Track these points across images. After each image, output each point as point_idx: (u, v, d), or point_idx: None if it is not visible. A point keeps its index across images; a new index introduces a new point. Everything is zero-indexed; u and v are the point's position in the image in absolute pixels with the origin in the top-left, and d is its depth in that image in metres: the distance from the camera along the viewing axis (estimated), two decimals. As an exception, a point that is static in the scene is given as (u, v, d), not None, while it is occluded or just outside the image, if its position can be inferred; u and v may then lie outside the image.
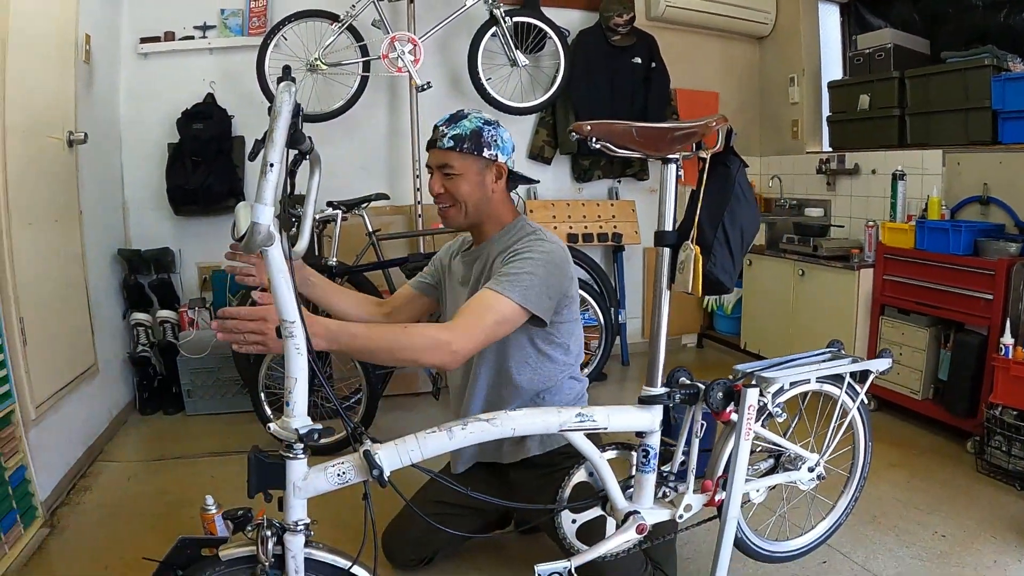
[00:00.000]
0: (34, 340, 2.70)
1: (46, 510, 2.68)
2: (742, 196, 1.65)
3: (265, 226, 1.13)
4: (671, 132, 1.59)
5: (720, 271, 1.61)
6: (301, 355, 1.30)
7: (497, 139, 1.93)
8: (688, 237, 1.59)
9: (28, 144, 2.77)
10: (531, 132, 4.55)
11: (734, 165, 1.65)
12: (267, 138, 1.15)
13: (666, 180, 1.62)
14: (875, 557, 2.31)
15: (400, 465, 1.39)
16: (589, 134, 1.54)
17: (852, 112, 4.11)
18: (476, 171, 1.92)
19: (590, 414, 1.53)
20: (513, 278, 1.77)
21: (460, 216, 1.97)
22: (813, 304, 3.87)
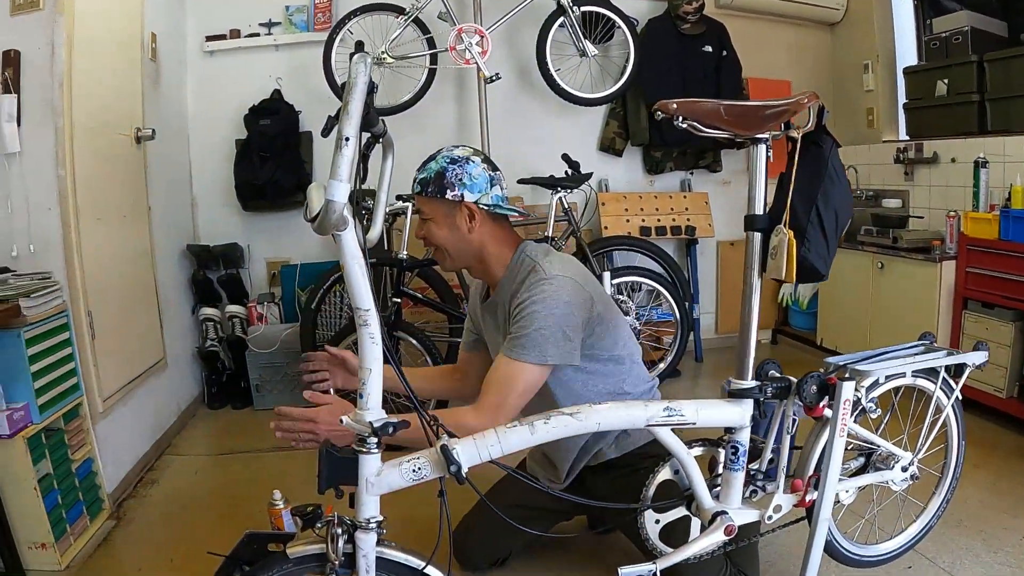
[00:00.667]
0: (103, 334, 2.72)
1: (113, 502, 2.70)
2: (835, 177, 1.55)
3: (340, 204, 1.06)
4: (762, 110, 1.49)
5: (815, 256, 1.51)
6: (376, 345, 1.23)
7: (463, 177, 1.78)
8: (780, 221, 1.49)
9: (96, 141, 2.80)
10: (601, 124, 4.46)
11: (827, 144, 1.55)
12: (342, 111, 1.08)
13: (755, 161, 1.52)
14: (961, 562, 2.17)
15: (479, 461, 1.31)
16: (675, 112, 1.45)
17: (929, 98, 3.92)
18: (443, 214, 1.81)
19: (678, 408, 1.43)
20: (524, 339, 1.69)
21: (447, 260, 1.88)
22: (893, 298, 3.70)
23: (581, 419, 1.35)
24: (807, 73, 4.78)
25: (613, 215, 4.30)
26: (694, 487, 1.55)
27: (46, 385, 2.31)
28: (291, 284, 4.05)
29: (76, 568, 2.33)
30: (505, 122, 4.17)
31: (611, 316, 1.87)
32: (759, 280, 1.53)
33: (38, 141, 2.47)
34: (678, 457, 1.51)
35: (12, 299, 2.18)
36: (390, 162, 1.47)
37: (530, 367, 1.69)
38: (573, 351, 1.74)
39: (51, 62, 2.46)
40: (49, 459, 2.31)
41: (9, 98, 2.38)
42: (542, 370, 1.71)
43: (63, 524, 2.35)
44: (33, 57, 2.44)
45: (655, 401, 1.44)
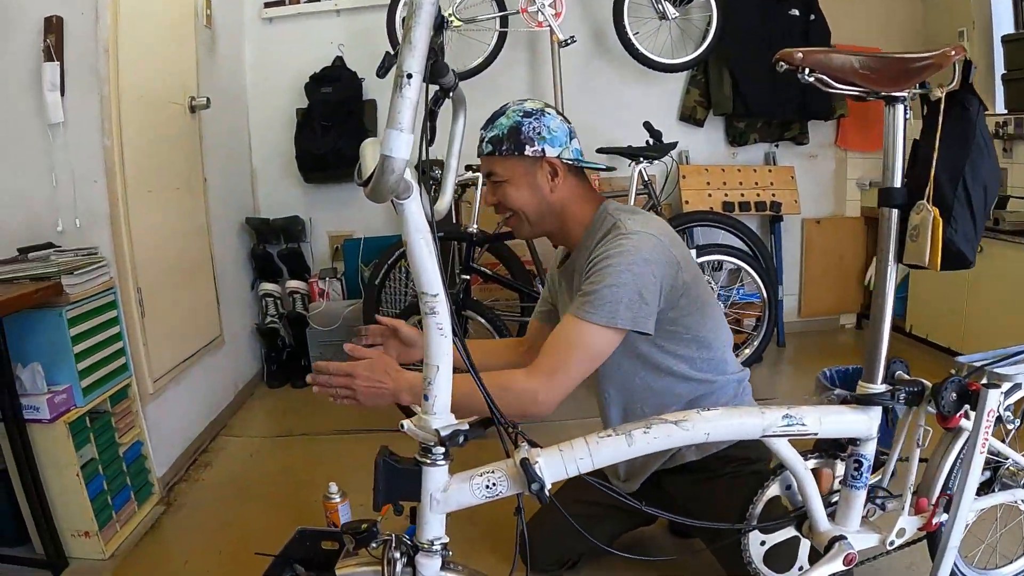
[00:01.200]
0: (154, 312, 2.62)
1: (163, 487, 2.60)
2: (984, 146, 1.29)
3: (401, 161, 0.84)
4: (905, 63, 1.25)
5: (962, 239, 1.26)
6: (445, 337, 1.03)
7: (541, 131, 1.59)
8: (921, 196, 1.24)
9: (146, 111, 2.68)
10: (682, 91, 4.19)
11: (974, 106, 1.29)
12: (403, 42, 0.85)
13: (893, 124, 1.28)
14: None
15: (565, 476, 1.10)
16: (800, 63, 1.22)
17: (1030, 68, 3.56)
18: (522, 173, 1.61)
19: (799, 417, 1.20)
20: (594, 296, 1.47)
21: (525, 226, 1.68)
22: (992, 284, 3.37)
23: (687, 428, 1.13)
24: (897, 40, 4.43)
25: (694, 189, 4.04)
26: (810, 506, 1.32)
27: (91, 366, 2.20)
28: (354, 259, 3.92)
29: (121, 557, 2.23)
30: (580, 89, 3.95)
31: (700, 291, 1.63)
32: (895, 267, 1.29)
33: (83, 111, 2.34)
34: (795, 472, 1.28)
35: (54, 276, 2.07)
36: (461, 122, 1.25)
37: (598, 329, 1.45)
38: (648, 316, 1.50)
39: (95, 28, 2.33)
40: (94, 443, 2.21)
41: (51, 66, 2.26)
42: (611, 334, 1.47)
43: (108, 511, 2.25)
44: (76, 23, 2.31)
45: (772, 408, 1.22)
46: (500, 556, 2.02)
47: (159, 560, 2.23)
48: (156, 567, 2.19)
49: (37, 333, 2.11)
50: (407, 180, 0.94)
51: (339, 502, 2.10)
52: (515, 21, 3.63)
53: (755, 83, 3.99)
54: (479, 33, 3.66)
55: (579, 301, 1.49)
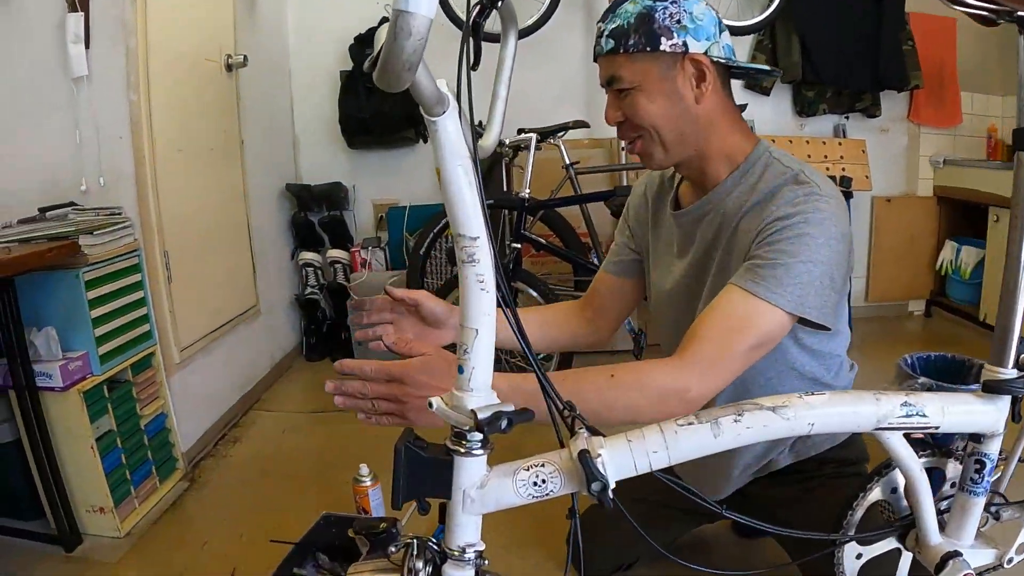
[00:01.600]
0: (182, 277, 2.50)
1: (188, 462, 2.49)
2: None
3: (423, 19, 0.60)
4: None
5: None
6: (487, 293, 0.80)
7: (682, 18, 1.21)
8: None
9: (177, 66, 2.57)
10: (747, 57, 3.96)
11: None
12: None
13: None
14: None
15: (634, 472, 0.86)
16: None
17: None
18: (658, 76, 1.23)
19: (919, 406, 0.96)
20: (782, 271, 1.13)
21: (659, 151, 1.29)
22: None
23: (789, 417, 0.89)
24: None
25: (759, 164, 3.81)
26: (921, 514, 1.08)
27: (110, 332, 2.08)
28: (399, 228, 3.83)
29: (138, 535, 2.12)
30: (640, 54, 3.74)
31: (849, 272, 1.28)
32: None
33: (108, 63, 2.23)
34: (909, 473, 1.04)
35: (71, 235, 1.93)
36: (512, 43, 1.00)
37: (778, 314, 1.12)
38: (832, 308, 1.19)
39: (122, -25, 2.20)
40: (112, 414, 2.09)
41: (75, 16, 2.12)
42: (789, 324, 1.16)
43: (126, 486, 2.13)
44: (102, -30, 2.18)
45: (888, 394, 0.97)
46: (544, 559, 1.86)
47: (177, 540, 2.11)
48: (173, 548, 2.07)
49: (52, 296, 1.99)
50: (442, 92, 0.74)
51: (370, 486, 1.96)
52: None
53: (826, 49, 3.79)
54: (530, -6, 3.46)
55: (758, 272, 1.15)
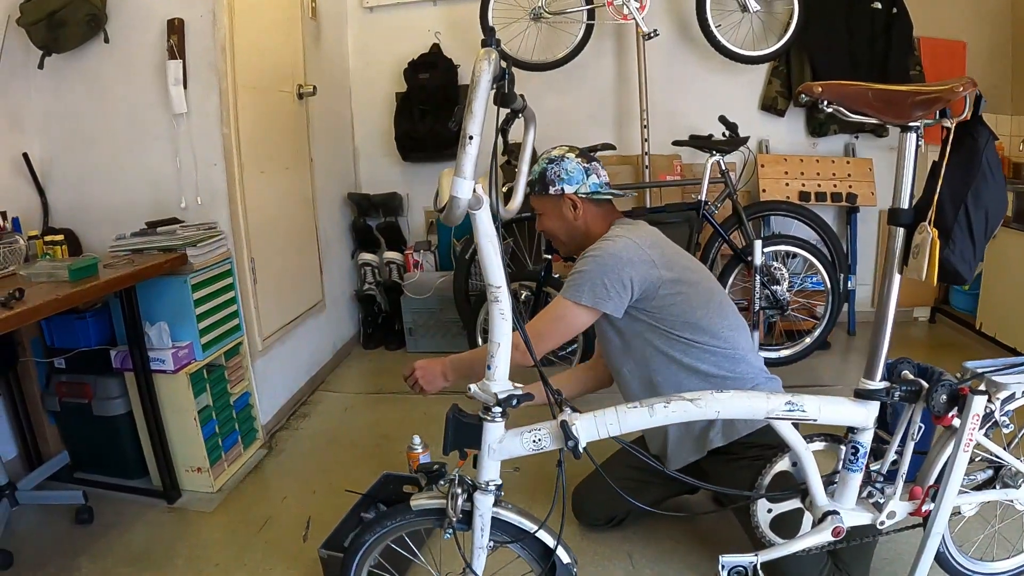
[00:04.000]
0: (265, 278, 2.95)
1: (266, 433, 2.95)
2: (989, 173, 1.43)
3: (464, 200, 1.12)
4: (911, 97, 1.40)
5: (959, 260, 1.42)
6: (505, 320, 1.30)
7: (560, 173, 2.00)
8: (925, 217, 1.42)
9: (259, 99, 2.98)
10: (763, 82, 4.30)
11: (982, 137, 1.43)
12: (465, 109, 1.13)
13: (905, 151, 1.44)
14: None
15: (597, 437, 1.36)
16: (820, 96, 1.40)
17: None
18: (551, 207, 2.04)
19: (800, 403, 1.42)
20: (567, 281, 1.92)
21: (562, 247, 2.13)
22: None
23: (701, 406, 1.37)
24: (985, 33, 4.38)
25: (772, 178, 4.16)
26: (809, 483, 1.54)
27: (210, 326, 2.55)
28: (447, 234, 4.19)
29: (227, 491, 2.59)
30: (664, 79, 4.12)
31: (686, 284, 1.93)
32: (898, 277, 1.47)
33: (203, 102, 2.67)
34: (796, 452, 1.50)
35: (180, 248, 2.42)
36: (531, 134, 1.51)
37: (566, 303, 1.90)
38: (606, 299, 1.87)
39: (213, 28, 2.64)
40: (209, 392, 2.57)
41: (175, 64, 2.60)
42: (576, 309, 1.89)
43: (219, 451, 2.60)
44: (196, 24, 2.63)
45: (778, 394, 1.43)
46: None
47: (260, 495, 2.57)
48: (258, 500, 2.53)
49: (164, 297, 2.46)
50: (478, 194, 1.20)
51: (421, 452, 2.36)
52: (601, 14, 3.80)
53: (836, 75, 3.99)
54: (567, 25, 3.86)
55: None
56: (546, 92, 4.04)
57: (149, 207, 2.71)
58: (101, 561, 2.19)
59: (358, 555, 1.62)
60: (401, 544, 1.68)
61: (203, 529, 2.37)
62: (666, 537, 2.25)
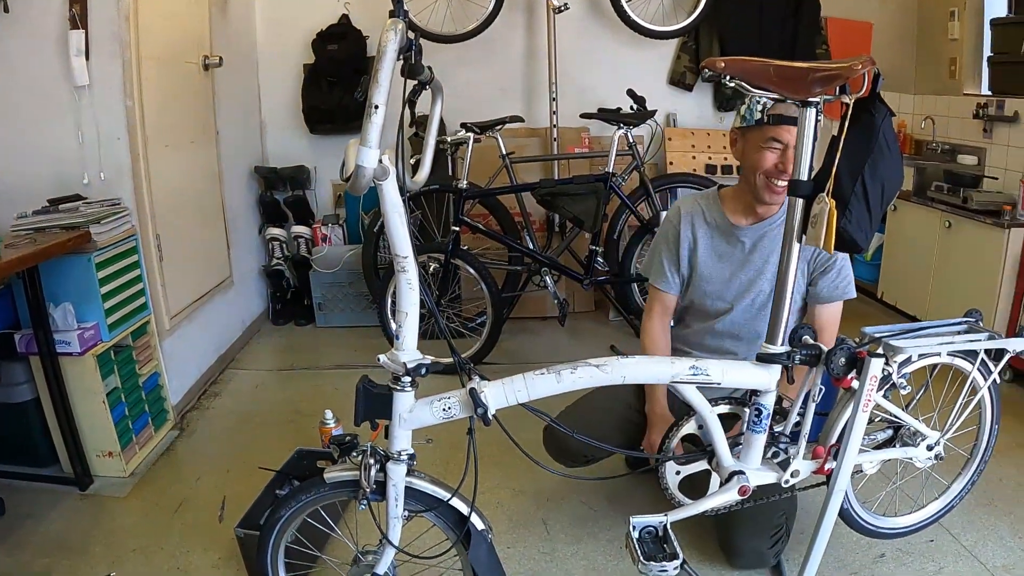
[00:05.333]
0: (171, 255, 2.87)
1: (177, 414, 2.89)
2: (886, 148, 1.50)
3: (369, 169, 1.12)
4: (811, 73, 1.44)
5: (855, 229, 1.49)
6: (412, 290, 1.29)
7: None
8: (824, 189, 1.47)
9: (164, 71, 2.89)
10: (672, 57, 4.40)
11: (880, 113, 1.49)
12: (371, 79, 1.12)
13: (804, 125, 1.49)
14: (984, 543, 2.16)
15: (506, 404, 1.37)
16: (723, 71, 1.43)
17: (1016, 54, 3.71)
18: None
19: (704, 368, 1.46)
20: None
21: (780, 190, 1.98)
22: (957, 260, 3.61)
23: (607, 371, 1.40)
24: (891, 16, 4.60)
25: (679, 151, 4.27)
26: (715, 445, 1.59)
27: (115, 305, 2.47)
28: (355, 207, 4.16)
29: (140, 475, 2.53)
30: (574, 53, 4.16)
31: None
32: (798, 246, 1.52)
33: (106, 73, 2.57)
34: (701, 414, 1.55)
35: (83, 226, 2.33)
36: (439, 106, 1.50)
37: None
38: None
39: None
40: (118, 374, 2.49)
41: (77, 33, 2.48)
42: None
43: (129, 434, 2.53)
44: (99, -8, 2.51)
45: (682, 359, 1.48)
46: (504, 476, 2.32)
47: (174, 477, 2.52)
48: (172, 483, 2.49)
49: (68, 276, 2.37)
50: (384, 164, 1.18)
51: (333, 427, 2.36)
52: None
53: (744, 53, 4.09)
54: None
55: None
56: (456, 65, 4.02)
57: (51, 184, 2.58)
58: (18, 554, 2.12)
59: (274, 531, 1.60)
60: (318, 519, 1.67)
61: (118, 515, 2.32)
62: (579, 503, 2.32)
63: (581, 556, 2.10)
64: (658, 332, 2.20)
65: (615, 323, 4.09)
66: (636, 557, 1.53)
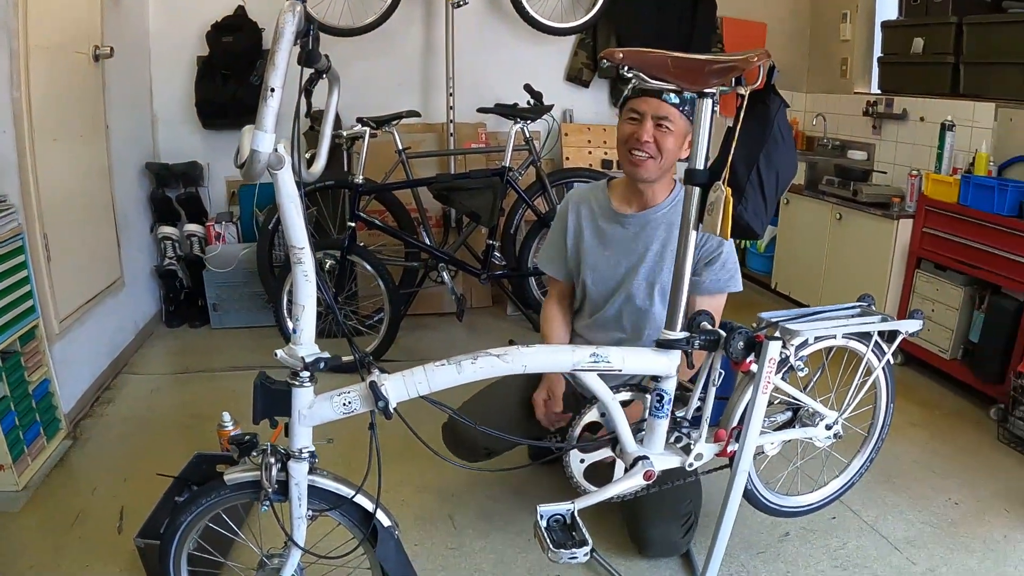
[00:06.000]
0: (59, 255, 2.72)
1: (69, 422, 2.74)
2: (780, 138, 1.56)
3: (265, 154, 1.09)
4: (709, 65, 1.48)
5: (751, 216, 1.54)
6: (309, 282, 1.26)
7: None
8: (720, 177, 1.51)
9: (53, 61, 2.74)
10: (570, 54, 4.44)
11: (774, 104, 1.54)
12: (268, 61, 1.09)
13: (701, 116, 1.52)
14: (885, 518, 2.27)
15: (407, 397, 1.36)
16: (621, 62, 1.45)
17: (904, 55, 3.91)
18: (682, 134, 1.94)
19: (605, 355, 1.48)
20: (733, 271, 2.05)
21: (656, 170, 1.97)
22: (848, 250, 3.77)
23: (508, 361, 1.40)
24: (785, 17, 4.78)
25: (575, 146, 4.33)
26: (618, 431, 1.61)
27: (1, 309, 2.32)
28: (250, 204, 4.03)
29: (34, 488, 2.38)
30: (472, 48, 4.16)
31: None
32: (694, 234, 1.56)
33: (-8, 63, 2.42)
34: (603, 401, 1.57)
35: (-37, 223, 2.18)
36: (335, 96, 1.47)
37: None
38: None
39: (4, -17, 2.39)
40: (5, 382, 2.33)
41: (-41, 22, 2.33)
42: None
43: (20, 445, 2.38)
44: (-17, -21, 2.37)
45: (583, 347, 1.49)
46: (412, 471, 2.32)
47: (70, 489, 2.39)
48: (67, 495, 2.35)
49: (-52, 278, 2.21)
50: (279, 153, 1.15)
51: (231, 430, 2.29)
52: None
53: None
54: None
55: None
56: (353, 59, 3.97)
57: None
58: (-91, 581, 1.97)
59: (175, 539, 1.53)
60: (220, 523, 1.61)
61: (12, 531, 2.18)
62: (484, 497, 2.32)
63: (489, 550, 2.10)
64: (555, 314, 2.23)
65: (513, 318, 4.11)
66: (545, 545, 1.54)
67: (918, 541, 2.17)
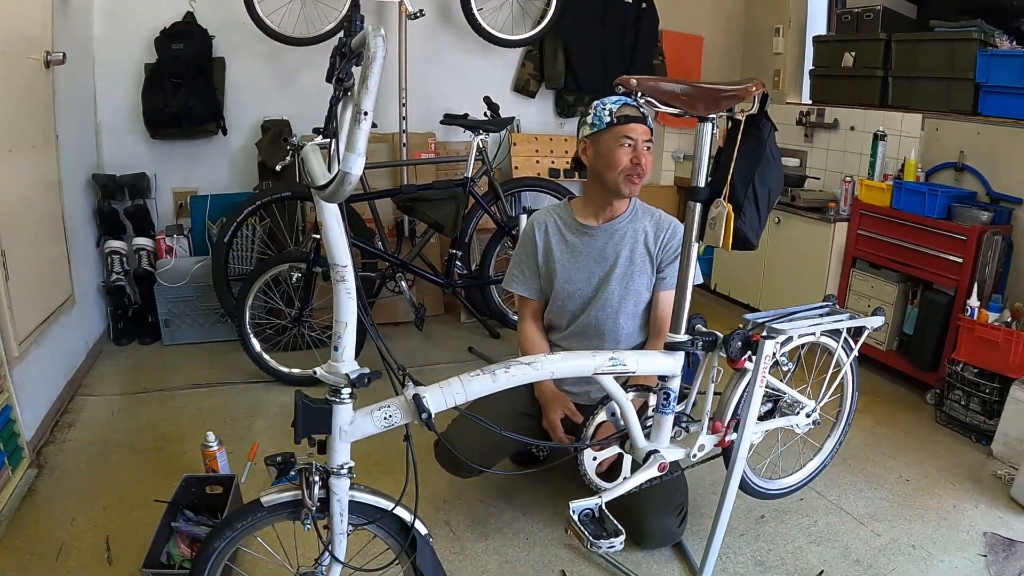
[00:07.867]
0: (17, 274, 2.60)
1: (32, 450, 2.59)
2: (772, 158, 1.71)
3: (356, 177, 1.11)
4: (718, 93, 1.62)
5: (749, 229, 1.67)
6: (351, 299, 1.30)
7: None
8: (719, 194, 1.63)
9: (5, 67, 2.62)
10: (517, 65, 4.55)
11: (766, 128, 1.70)
12: (360, 85, 1.11)
13: (702, 138, 1.65)
14: (847, 496, 2.49)
15: (445, 407, 1.41)
16: (635, 89, 1.54)
17: (835, 68, 4.14)
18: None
19: (621, 359, 1.60)
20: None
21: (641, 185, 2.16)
22: (787, 252, 3.98)
23: (538, 368, 1.51)
24: (721, 31, 4.99)
25: (524, 156, 4.43)
26: (630, 428, 1.74)
27: (-41, 332, 2.21)
28: (201, 216, 3.96)
29: (4, 522, 2.22)
30: (425, 60, 4.20)
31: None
32: (697, 245, 1.68)
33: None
34: (618, 401, 1.69)
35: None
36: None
37: None
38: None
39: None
40: (-33, 410, 2.22)
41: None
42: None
43: (-14, 478, 2.25)
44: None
45: (601, 352, 1.61)
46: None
47: (45, 522, 2.26)
48: (44, 528, 2.22)
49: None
50: (328, 175, 1.18)
51: (217, 450, 2.27)
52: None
53: (587, 62, 4.42)
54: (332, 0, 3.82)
55: None
56: (306, 68, 3.98)
57: None
58: None
59: (207, 567, 1.49)
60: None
61: (-11, 571, 2.04)
62: (475, 501, 2.38)
63: (492, 551, 2.15)
64: (533, 332, 2.34)
65: (468, 325, 4.17)
66: (585, 538, 1.65)
67: (879, 515, 2.38)
